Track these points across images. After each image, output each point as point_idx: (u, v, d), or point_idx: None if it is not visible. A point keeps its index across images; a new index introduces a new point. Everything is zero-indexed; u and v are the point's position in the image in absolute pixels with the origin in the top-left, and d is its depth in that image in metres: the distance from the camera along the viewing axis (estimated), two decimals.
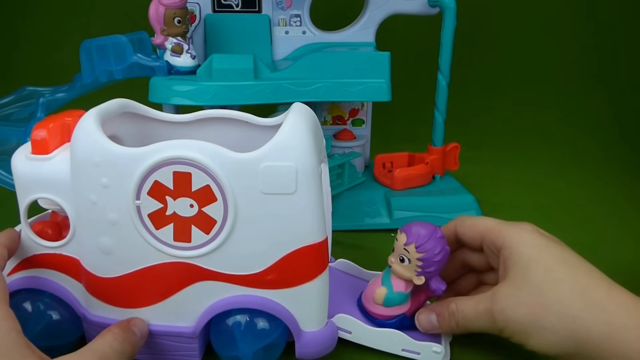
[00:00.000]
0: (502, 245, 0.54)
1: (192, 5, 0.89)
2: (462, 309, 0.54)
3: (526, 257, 0.52)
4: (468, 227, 0.59)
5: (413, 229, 0.55)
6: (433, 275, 0.56)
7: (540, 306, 0.49)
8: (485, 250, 0.58)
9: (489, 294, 0.53)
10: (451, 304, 0.55)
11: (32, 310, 0.54)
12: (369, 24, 0.95)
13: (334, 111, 1.02)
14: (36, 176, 0.49)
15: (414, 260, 0.54)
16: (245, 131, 0.57)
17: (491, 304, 0.52)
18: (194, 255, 0.49)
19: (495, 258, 0.56)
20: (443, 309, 0.55)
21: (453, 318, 0.54)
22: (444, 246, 0.55)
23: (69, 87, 0.85)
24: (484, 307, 0.52)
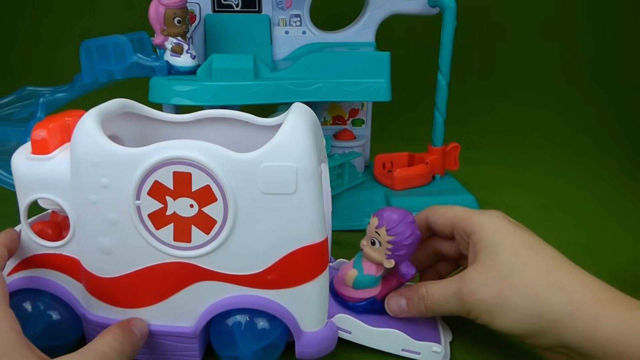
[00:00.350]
0: (472, 231, 0.56)
1: (192, 5, 0.89)
2: (431, 292, 0.55)
3: (494, 242, 0.54)
4: (439, 216, 0.60)
5: (385, 213, 0.56)
6: (403, 260, 0.57)
7: (506, 287, 0.51)
8: (456, 238, 0.59)
9: (458, 277, 0.54)
10: (421, 288, 0.56)
11: (32, 310, 0.54)
12: (369, 24, 0.95)
13: (334, 111, 1.02)
14: (36, 176, 0.49)
15: (384, 243, 0.55)
16: (245, 131, 0.57)
17: (460, 286, 0.53)
18: (194, 255, 0.49)
19: (465, 245, 0.58)
20: (413, 293, 0.57)
21: (422, 302, 0.56)
22: (415, 231, 0.56)
23: (69, 87, 0.85)
24: (453, 290, 0.54)
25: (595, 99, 1.44)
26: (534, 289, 0.50)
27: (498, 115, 1.43)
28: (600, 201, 1.01)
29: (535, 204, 0.99)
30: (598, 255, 0.80)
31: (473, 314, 0.53)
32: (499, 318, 0.51)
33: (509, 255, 0.52)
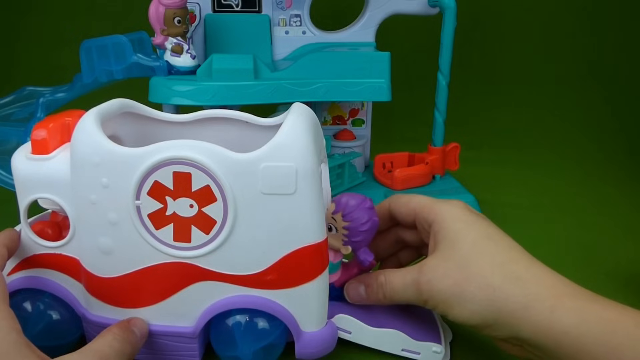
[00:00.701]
0: (433, 221, 0.55)
1: (192, 5, 0.89)
2: (390, 280, 0.55)
3: (454, 232, 0.53)
4: (401, 205, 0.60)
5: (343, 199, 0.55)
6: (361, 246, 0.56)
7: (463, 278, 0.50)
8: (418, 227, 0.58)
9: (417, 266, 0.54)
10: (380, 275, 0.56)
11: (32, 310, 0.54)
12: (369, 24, 0.95)
13: (334, 111, 1.02)
14: (36, 176, 0.49)
15: (340, 229, 0.55)
16: (245, 131, 0.57)
17: (418, 276, 0.53)
18: (194, 256, 0.49)
19: (427, 234, 0.57)
20: (372, 280, 0.56)
21: (381, 289, 0.55)
22: (372, 217, 0.55)
23: (69, 87, 0.85)
24: (411, 279, 0.53)
25: (596, 99, 1.44)
26: (491, 280, 0.49)
27: (498, 115, 1.43)
28: (600, 201, 1.01)
29: (535, 204, 0.99)
30: (598, 255, 0.80)
31: (430, 304, 0.52)
32: (455, 309, 0.50)
33: (467, 246, 0.52)
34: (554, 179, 1.12)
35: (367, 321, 0.56)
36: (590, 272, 0.75)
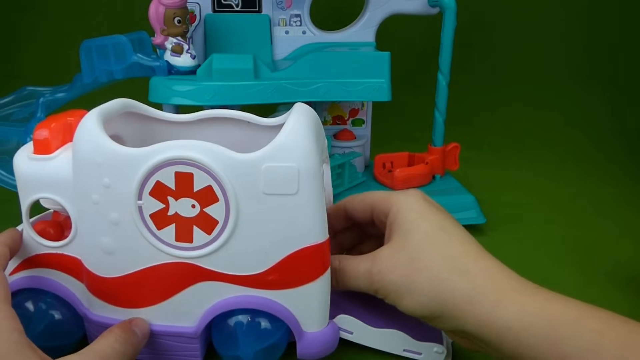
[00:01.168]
0: (389, 211, 0.55)
1: (192, 5, 0.89)
2: (344, 267, 0.54)
3: (408, 222, 0.53)
4: (358, 202, 0.59)
5: None
6: None
7: (413, 269, 0.50)
8: (376, 221, 0.58)
9: (370, 255, 0.53)
10: (335, 260, 0.55)
11: (34, 310, 0.54)
12: (369, 24, 0.95)
13: (334, 111, 1.02)
14: (38, 176, 0.49)
15: None
16: (247, 131, 0.57)
17: (371, 266, 0.52)
18: (196, 256, 0.49)
19: (384, 226, 0.56)
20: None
21: (334, 275, 0.54)
22: None
23: (69, 87, 0.85)
24: (364, 268, 0.53)
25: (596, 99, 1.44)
26: (438, 273, 0.49)
27: (498, 115, 1.43)
28: (600, 202, 1.01)
29: (535, 204, 0.99)
30: (597, 255, 0.80)
31: (381, 294, 0.52)
32: (405, 300, 0.50)
33: (420, 237, 0.51)
34: (554, 179, 1.13)
35: (369, 321, 0.56)
36: (589, 272, 0.75)
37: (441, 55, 0.89)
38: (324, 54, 0.83)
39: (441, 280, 0.49)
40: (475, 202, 0.89)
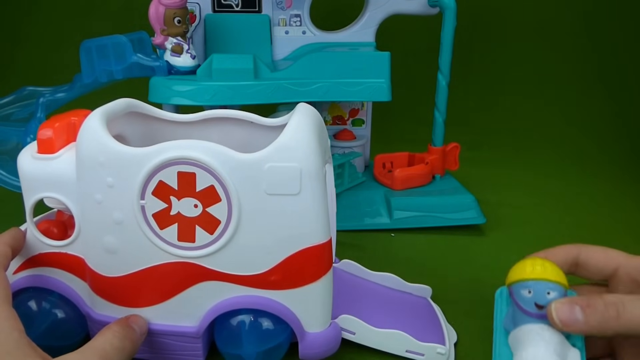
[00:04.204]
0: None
1: (192, 5, 0.89)
2: (627, 300, 0.44)
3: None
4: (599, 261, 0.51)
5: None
6: None
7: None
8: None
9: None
10: (606, 295, 0.45)
11: (37, 309, 0.54)
12: (369, 24, 0.95)
13: (334, 111, 1.02)
14: (42, 175, 0.49)
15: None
16: (250, 131, 0.57)
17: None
18: (198, 256, 0.49)
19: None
20: (594, 299, 0.44)
21: (614, 308, 0.43)
22: None
23: (69, 87, 0.85)
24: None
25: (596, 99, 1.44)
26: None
27: (498, 115, 1.43)
28: (601, 201, 1.02)
29: (535, 204, 1.00)
30: None
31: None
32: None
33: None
34: (554, 179, 1.13)
35: (371, 322, 0.56)
36: None
37: (441, 55, 0.89)
38: (324, 54, 0.83)
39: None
40: (475, 202, 0.89)
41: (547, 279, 0.46)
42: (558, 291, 0.46)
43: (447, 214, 0.88)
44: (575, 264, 0.52)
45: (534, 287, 0.46)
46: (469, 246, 0.83)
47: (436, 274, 0.73)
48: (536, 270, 0.47)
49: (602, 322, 0.43)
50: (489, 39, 1.43)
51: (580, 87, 1.45)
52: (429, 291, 0.66)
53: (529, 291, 0.46)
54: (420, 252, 0.81)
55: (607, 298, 0.43)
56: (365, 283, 0.65)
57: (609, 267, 0.50)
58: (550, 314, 0.45)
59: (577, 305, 0.44)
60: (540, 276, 0.47)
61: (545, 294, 0.46)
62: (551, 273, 0.47)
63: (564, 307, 0.44)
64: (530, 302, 0.46)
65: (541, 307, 0.46)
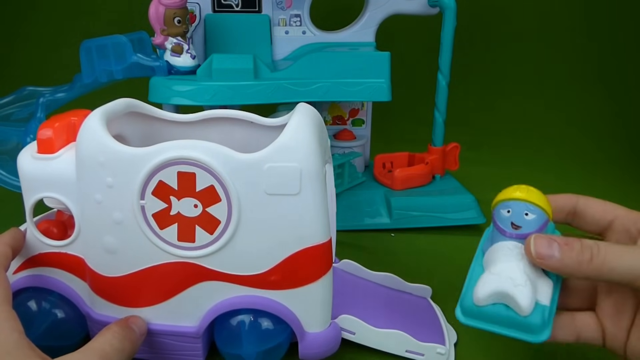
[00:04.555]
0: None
1: (192, 5, 0.89)
2: (608, 248, 0.45)
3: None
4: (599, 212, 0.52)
5: None
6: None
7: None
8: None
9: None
10: (587, 240, 0.45)
11: (37, 309, 0.54)
12: (369, 24, 0.95)
13: (334, 111, 1.02)
14: (42, 175, 0.50)
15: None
16: (250, 131, 0.57)
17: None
18: (198, 255, 0.49)
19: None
20: (572, 240, 0.46)
21: (589, 251, 0.44)
22: None
23: (69, 87, 0.85)
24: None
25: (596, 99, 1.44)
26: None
27: (498, 115, 1.43)
28: None
29: None
30: None
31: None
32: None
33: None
34: (554, 179, 1.12)
35: (371, 322, 0.56)
36: None
37: (441, 55, 0.89)
38: (324, 54, 0.83)
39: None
40: (475, 202, 0.89)
41: (528, 201, 0.47)
42: (537, 215, 0.47)
43: (447, 214, 0.88)
44: (573, 212, 0.54)
45: (514, 207, 0.48)
46: (468, 246, 0.82)
47: (436, 274, 0.73)
48: (519, 193, 0.48)
49: (575, 263, 0.44)
50: (489, 39, 1.43)
51: (580, 87, 1.45)
52: (429, 291, 0.66)
53: (507, 211, 0.48)
54: (420, 252, 0.81)
55: (585, 241, 0.45)
56: (365, 283, 0.65)
57: (605, 218, 0.51)
58: (528, 246, 0.46)
59: (555, 242, 0.45)
60: (521, 197, 0.48)
61: (523, 215, 0.47)
62: (534, 197, 0.48)
63: (542, 240, 0.46)
64: (507, 221, 0.48)
65: (517, 226, 0.47)
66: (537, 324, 0.45)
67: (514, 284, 0.45)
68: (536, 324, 0.45)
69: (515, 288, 0.44)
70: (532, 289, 0.45)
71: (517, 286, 0.45)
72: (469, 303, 0.47)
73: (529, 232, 0.47)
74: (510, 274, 0.45)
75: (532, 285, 0.45)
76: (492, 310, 0.46)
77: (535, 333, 0.45)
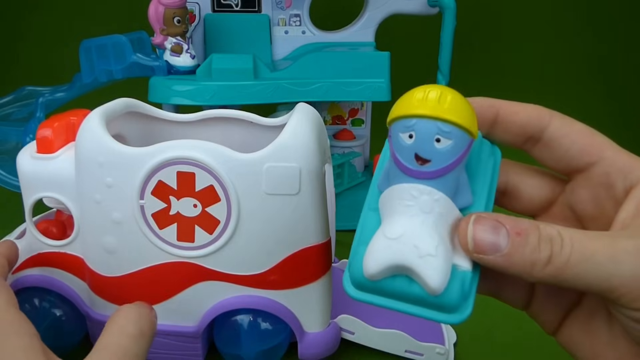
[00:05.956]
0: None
1: (192, 5, 0.89)
2: (576, 237, 0.30)
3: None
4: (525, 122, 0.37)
5: None
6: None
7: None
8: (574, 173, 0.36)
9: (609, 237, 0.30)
10: (548, 227, 0.30)
11: (36, 309, 0.54)
12: (369, 24, 0.95)
13: (334, 111, 1.02)
14: (41, 175, 0.50)
15: None
16: (249, 131, 0.57)
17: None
18: (197, 255, 0.49)
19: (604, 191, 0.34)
20: (527, 225, 0.30)
21: (549, 246, 0.30)
22: None
23: (69, 87, 0.85)
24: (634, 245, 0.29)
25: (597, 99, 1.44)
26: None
27: None
28: None
29: None
30: None
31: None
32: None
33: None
34: None
35: (371, 322, 0.56)
36: None
37: (441, 55, 0.89)
38: (323, 53, 0.83)
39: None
40: None
41: (441, 117, 0.30)
42: (456, 138, 0.30)
43: None
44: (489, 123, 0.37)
45: (418, 128, 0.30)
46: None
47: None
48: (427, 102, 0.30)
49: (527, 264, 0.30)
50: (489, 39, 1.43)
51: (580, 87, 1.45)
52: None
53: (409, 135, 0.30)
54: None
55: (544, 229, 0.30)
56: None
57: (582, 158, 0.35)
58: (461, 228, 0.31)
59: (504, 227, 0.30)
60: (430, 112, 0.30)
61: (434, 142, 0.30)
62: (450, 108, 0.30)
63: (486, 223, 0.30)
64: (409, 152, 0.30)
65: (425, 160, 0.30)
66: (452, 302, 0.31)
67: (418, 254, 0.30)
68: (451, 302, 0.31)
69: (421, 260, 0.30)
70: (447, 254, 0.30)
71: (423, 257, 0.30)
72: (359, 274, 0.33)
73: (443, 167, 0.30)
74: (414, 238, 0.30)
75: (445, 249, 0.30)
76: (390, 285, 0.32)
77: (452, 312, 0.31)
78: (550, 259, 0.29)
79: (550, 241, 0.30)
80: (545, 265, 0.29)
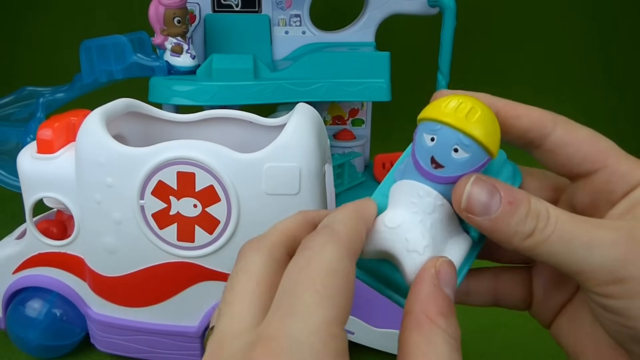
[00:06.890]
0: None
1: (192, 5, 0.89)
2: (564, 218, 0.30)
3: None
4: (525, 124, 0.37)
5: None
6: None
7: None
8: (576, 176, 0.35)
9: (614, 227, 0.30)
10: (538, 202, 0.31)
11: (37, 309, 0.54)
12: (369, 24, 0.95)
13: (334, 111, 1.02)
14: (42, 175, 0.50)
15: None
16: (249, 131, 0.57)
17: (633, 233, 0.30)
18: (197, 255, 0.49)
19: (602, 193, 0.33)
20: (520, 196, 0.31)
21: (535, 221, 0.30)
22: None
23: (69, 87, 0.85)
24: (615, 236, 0.29)
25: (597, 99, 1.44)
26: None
27: None
28: None
29: None
30: None
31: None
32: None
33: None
34: None
35: (371, 322, 0.56)
36: None
37: (441, 55, 0.89)
38: (323, 54, 0.83)
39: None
40: None
41: (464, 131, 0.30)
42: (472, 153, 0.31)
43: None
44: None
45: (441, 134, 0.31)
46: None
47: None
48: (456, 112, 0.31)
49: (510, 234, 0.30)
50: (489, 39, 1.43)
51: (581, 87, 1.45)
52: None
53: (432, 138, 0.31)
54: None
55: (535, 204, 0.30)
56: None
57: (592, 164, 0.34)
58: (459, 185, 0.31)
59: (499, 193, 0.30)
60: (455, 122, 0.31)
61: (451, 150, 0.31)
62: (476, 124, 0.31)
63: (483, 185, 0.31)
64: (427, 154, 0.32)
65: (439, 165, 0.31)
66: None
67: (407, 248, 0.31)
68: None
69: (408, 254, 0.31)
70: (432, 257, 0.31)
71: (410, 252, 0.31)
72: None
73: (454, 177, 0.31)
74: (407, 232, 0.31)
75: (433, 252, 0.31)
76: (376, 267, 0.34)
77: None
78: (532, 233, 0.30)
79: (537, 217, 0.30)
80: (526, 238, 0.30)
